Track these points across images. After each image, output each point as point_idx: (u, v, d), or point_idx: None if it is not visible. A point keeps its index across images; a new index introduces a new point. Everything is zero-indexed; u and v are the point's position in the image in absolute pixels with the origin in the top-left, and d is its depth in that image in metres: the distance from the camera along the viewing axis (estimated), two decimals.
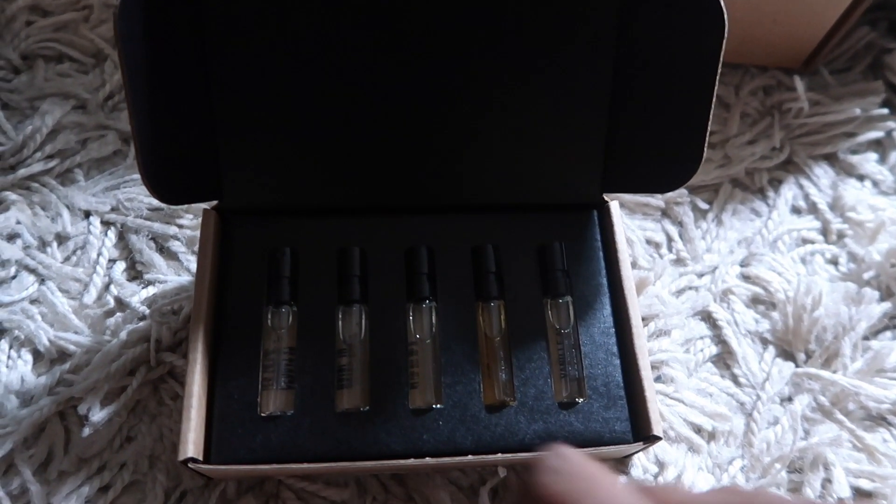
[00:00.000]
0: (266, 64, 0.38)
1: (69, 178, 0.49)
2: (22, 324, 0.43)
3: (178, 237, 0.47)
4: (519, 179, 0.42)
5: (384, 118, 0.40)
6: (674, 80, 0.38)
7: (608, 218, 0.42)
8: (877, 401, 0.45)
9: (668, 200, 0.51)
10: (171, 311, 0.44)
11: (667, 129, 0.40)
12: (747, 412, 0.44)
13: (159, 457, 0.41)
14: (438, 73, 0.39)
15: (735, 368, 0.46)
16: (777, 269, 0.49)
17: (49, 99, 0.50)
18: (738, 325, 0.47)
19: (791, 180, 0.53)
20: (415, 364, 0.38)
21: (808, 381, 0.45)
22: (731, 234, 0.51)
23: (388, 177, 0.41)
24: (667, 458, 0.42)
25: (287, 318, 0.38)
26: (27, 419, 0.40)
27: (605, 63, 0.39)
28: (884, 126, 0.55)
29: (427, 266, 0.40)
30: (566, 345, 0.39)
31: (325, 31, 0.37)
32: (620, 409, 0.38)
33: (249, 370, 0.37)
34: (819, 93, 0.55)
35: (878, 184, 0.54)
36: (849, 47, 0.57)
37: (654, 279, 0.48)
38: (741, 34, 0.52)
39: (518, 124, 0.40)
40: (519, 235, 0.42)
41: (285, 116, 0.39)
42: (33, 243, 0.46)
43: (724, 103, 0.55)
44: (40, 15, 0.54)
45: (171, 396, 0.42)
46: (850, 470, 0.43)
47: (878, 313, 0.47)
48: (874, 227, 0.50)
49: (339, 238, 0.41)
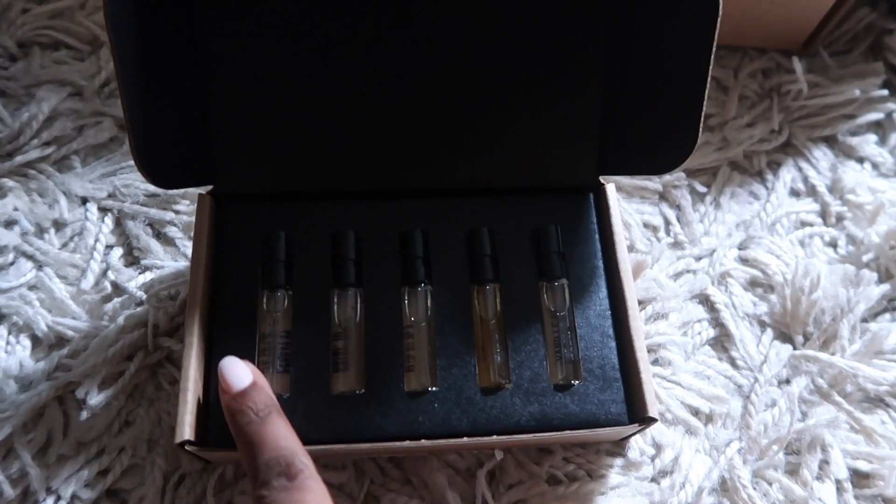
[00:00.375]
0: (259, 49, 0.38)
1: (66, 165, 0.49)
2: (20, 309, 0.44)
3: (175, 223, 0.47)
4: (514, 163, 0.42)
5: (379, 102, 0.39)
6: (668, 61, 0.38)
7: (604, 200, 0.42)
8: (875, 382, 0.45)
9: (665, 184, 0.51)
10: (168, 296, 0.44)
11: (662, 110, 0.39)
12: (745, 395, 0.45)
13: (158, 440, 0.41)
14: (433, 57, 0.39)
15: (733, 351, 0.46)
16: (775, 251, 0.49)
17: (45, 86, 0.50)
18: (735, 308, 0.47)
19: (790, 163, 0.53)
20: (410, 347, 0.38)
21: (805, 363, 0.45)
22: (730, 217, 0.51)
23: (382, 161, 0.41)
24: (664, 440, 0.42)
25: (282, 302, 0.38)
26: (26, 404, 0.41)
27: (599, 46, 0.39)
28: (884, 108, 0.54)
29: (422, 249, 0.40)
30: (561, 327, 0.39)
31: (319, 15, 0.37)
32: (616, 391, 0.38)
33: (245, 353, 0.37)
34: (818, 75, 0.55)
35: (878, 166, 0.53)
36: (848, 28, 0.57)
37: (652, 262, 0.48)
38: (739, 16, 0.52)
39: (513, 108, 0.40)
40: (514, 218, 0.42)
41: (279, 101, 0.39)
42: (31, 230, 0.46)
43: (722, 86, 0.55)
44: (36, 2, 0.54)
45: (168, 381, 0.43)
46: (848, 451, 0.43)
47: (876, 295, 0.47)
48: (873, 209, 0.50)
49: (334, 222, 0.41)
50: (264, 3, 0.37)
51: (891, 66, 0.56)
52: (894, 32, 0.56)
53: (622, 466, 0.42)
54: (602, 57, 0.39)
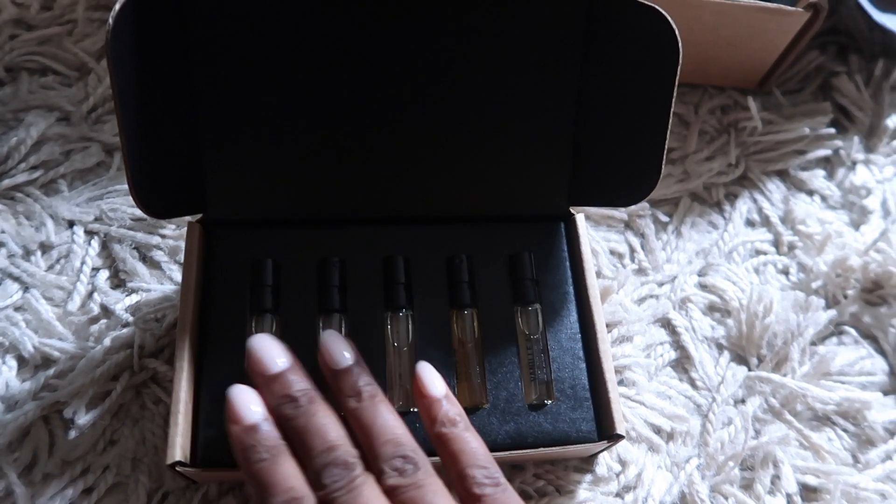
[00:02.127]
0: (249, 86, 0.39)
1: (53, 189, 0.50)
2: (6, 330, 0.44)
3: (161, 247, 0.48)
4: (490, 193, 0.44)
5: (362, 136, 0.41)
6: (634, 101, 0.41)
7: (574, 230, 0.45)
8: (822, 402, 0.48)
9: (630, 213, 0.54)
10: (154, 318, 0.45)
11: (628, 146, 0.42)
12: (703, 413, 0.47)
13: (142, 459, 0.42)
14: (413, 92, 0.41)
15: (692, 372, 0.49)
16: (732, 278, 0.52)
17: (33, 111, 0.51)
18: (695, 332, 0.50)
19: (746, 195, 0.56)
20: (392, 370, 0.40)
21: (759, 383, 0.48)
22: (690, 245, 0.54)
23: (365, 190, 0.43)
24: (629, 457, 0.45)
25: (270, 327, 0.40)
26: (12, 423, 0.41)
27: (571, 83, 0.41)
28: (831, 144, 0.58)
29: (404, 276, 0.42)
30: (535, 350, 0.41)
31: (305, 53, 0.39)
32: (586, 410, 0.40)
33: (234, 376, 0.38)
34: (772, 112, 0.59)
35: (826, 198, 0.57)
36: (800, 69, 0.61)
37: (618, 288, 0.50)
38: (700, 56, 0.55)
39: (490, 141, 0.42)
40: (491, 246, 0.44)
41: (267, 136, 0.41)
42: (18, 252, 0.47)
43: (683, 121, 0.58)
44: (25, 28, 0.55)
45: (153, 401, 0.44)
46: (798, 467, 0.45)
47: (824, 320, 0.50)
48: (822, 239, 0.54)
49: (319, 249, 0.42)
50: (256, 43, 0.38)
51: (838, 105, 0.60)
52: (841, 74, 0.60)
53: (590, 482, 0.44)
54: (574, 95, 0.42)
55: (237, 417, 0.33)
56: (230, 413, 0.33)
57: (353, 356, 0.36)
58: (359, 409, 0.34)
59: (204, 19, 0.37)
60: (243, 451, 0.33)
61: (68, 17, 0.55)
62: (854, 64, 0.61)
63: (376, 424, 0.33)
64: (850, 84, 0.59)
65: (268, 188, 0.42)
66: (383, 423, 0.34)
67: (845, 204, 0.57)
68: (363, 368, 0.36)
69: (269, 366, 0.34)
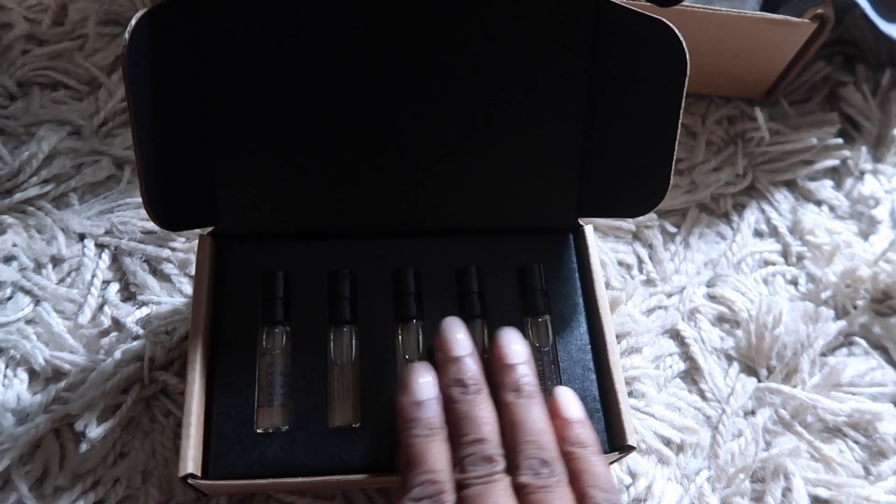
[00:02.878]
0: (261, 101, 0.40)
1: (64, 202, 0.50)
2: (18, 343, 0.44)
3: (171, 260, 0.49)
4: (500, 205, 0.44)
5: (370, 149, 0.42)
6: (641, 113, 0.41)
7: (583, 241, 0.45)
8: (833, 413, 0.47)
9: (638, 224, 0.54)
10: (165, 331, 0.46)
11: (636, 158, 0.42)
12: (713, 425, 0.47)
13: (152, 472, 0.42)
14: (422, 106, 0.41)
15: (702, 384, 0.49)
16: (741, 289, 0.52)
17: (45, 125, 0.52)
18: (704, 343, 0.50)
19: (753, 205, 0.56)
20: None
21: (769, 395, 0.48)
22: (698, 256, 0.54)
23: (376, 203, 0.43)
24: (639, 469, 0.45)
25: (281, 339, 0.40)
26: (23, 436, 0.42)
27: (579, 96, 0.41)
28: (839, 154, 0.58)
29: (414, 287, 0.42)
30: (546, 361, 0.41)
31: (315, 67, 0.39)
32: (597, 422, 0.40)
33: (245, 388, 0.38)
34: (779, 123, 0.59)
35: (835, 208, 0.57)
36: (806, 80, 0.61)
37: (626, 299, 0.50)
38: (707, 68, 0.55)
39: (498, 154, 0.43)
40: (500, 257, 0.44)
41: (278, 149, 0.41)
42: (29, 265, 0.47)
43: (690, 132, 0.58)
44: (36, 44, 0.55)
45: (163, 413, 0.44)
46: (809, 479, 0.45)
47: (833, 331, 0.50)
48: (830, 249, 0.54)
49: (330, 261, 0.42)
50: (267, 60, 0.39)
51: (845, 115, 0.60)
52: (848, 84, 0.60)
53: None
54: (582, 107, 0.42)
55: (409, 390, 0.36)
56: (404, 384, 0.36)
57: (526, 355, 0.38)
58: (515, 405, 0.36)
59: (216, 35, 0.38)
60: (406, 421, 0.35)
61: (79, 32, 0.56)
62: (861, 74, 0.61)
63: (527, 421, 0.35)
64: (857, 94, 0.60)
65: (279, 201, 0.42)
66: (533, 423, 0.35)
67: (854, 214, 0.57)
68: (532, 368, 0.37)
69: (454, 348, 0.37)
